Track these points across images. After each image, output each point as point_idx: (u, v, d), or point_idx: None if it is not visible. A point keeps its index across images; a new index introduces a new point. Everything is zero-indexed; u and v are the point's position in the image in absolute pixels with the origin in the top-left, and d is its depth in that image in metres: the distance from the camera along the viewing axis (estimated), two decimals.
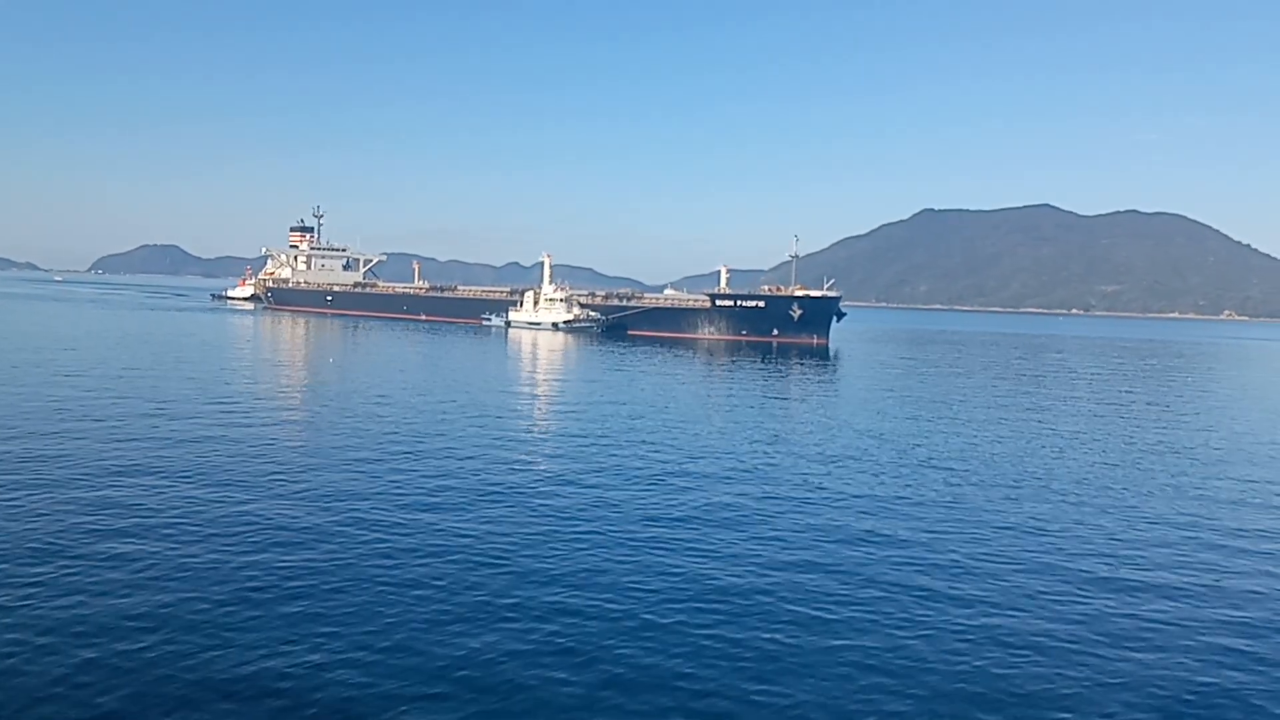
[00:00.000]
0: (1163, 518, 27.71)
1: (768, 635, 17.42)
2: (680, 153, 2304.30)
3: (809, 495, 29.09)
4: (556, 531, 23.89)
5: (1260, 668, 16.75)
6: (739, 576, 20.73)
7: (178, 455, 31.72)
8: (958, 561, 22.37)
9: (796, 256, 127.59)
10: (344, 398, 49.67)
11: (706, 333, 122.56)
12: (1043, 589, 20.59)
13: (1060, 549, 23.81)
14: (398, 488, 28.23)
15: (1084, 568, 22.26)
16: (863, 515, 26.63)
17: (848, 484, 30.97)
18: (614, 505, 26.87)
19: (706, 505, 27.22)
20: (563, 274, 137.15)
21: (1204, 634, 18.27)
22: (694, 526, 24.74)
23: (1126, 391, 72.59)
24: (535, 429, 41.81)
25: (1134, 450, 40.91)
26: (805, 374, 77.12)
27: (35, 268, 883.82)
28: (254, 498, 26.25)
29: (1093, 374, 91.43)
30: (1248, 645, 17.77)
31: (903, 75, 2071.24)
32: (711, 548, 22.86)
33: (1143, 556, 23.44)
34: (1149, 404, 62.96)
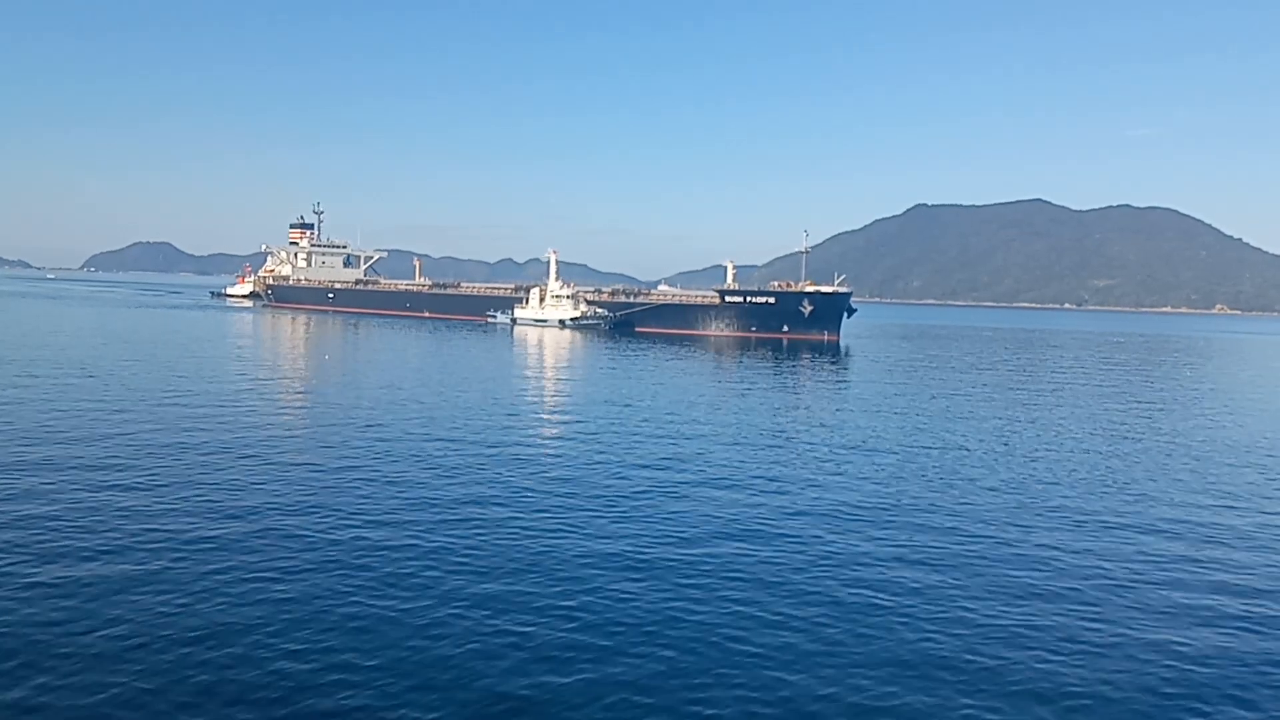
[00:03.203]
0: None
1: (781, 631, 17.44)
2: (672, 149, 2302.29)
3: (827, 496, 28.62)
4: (567, 528, 23.76)
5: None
6: (752, 576, 20.56)
7: (188, 451, 31.56)
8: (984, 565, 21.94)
9: (807, 251, 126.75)
10: (353, 396, 49.00)
11: (715, 329, 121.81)
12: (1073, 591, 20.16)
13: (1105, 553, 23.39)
14: (408, 487, 27.92)
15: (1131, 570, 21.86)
16: (888, 518, 26.18)
17: (870, 485, 30.57)
18: (630, 506, 26.47)
19: (723, 508, 26.75)
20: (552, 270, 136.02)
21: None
22: (711, 531, 24.31)
23: (1133, 385, 72.37)
24: (546, 427, 41.18)
25: (1148, 444, 40.62)
26: (820, 371, 76.71)
27: (27, 265, 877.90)
28: (264, 495, 26.07)
29: (1099, 369, 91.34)
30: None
31: (895, 70, 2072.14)
32: (728, 553, 22.46)
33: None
34: (1156, 398, 62.72)
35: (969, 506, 27.71)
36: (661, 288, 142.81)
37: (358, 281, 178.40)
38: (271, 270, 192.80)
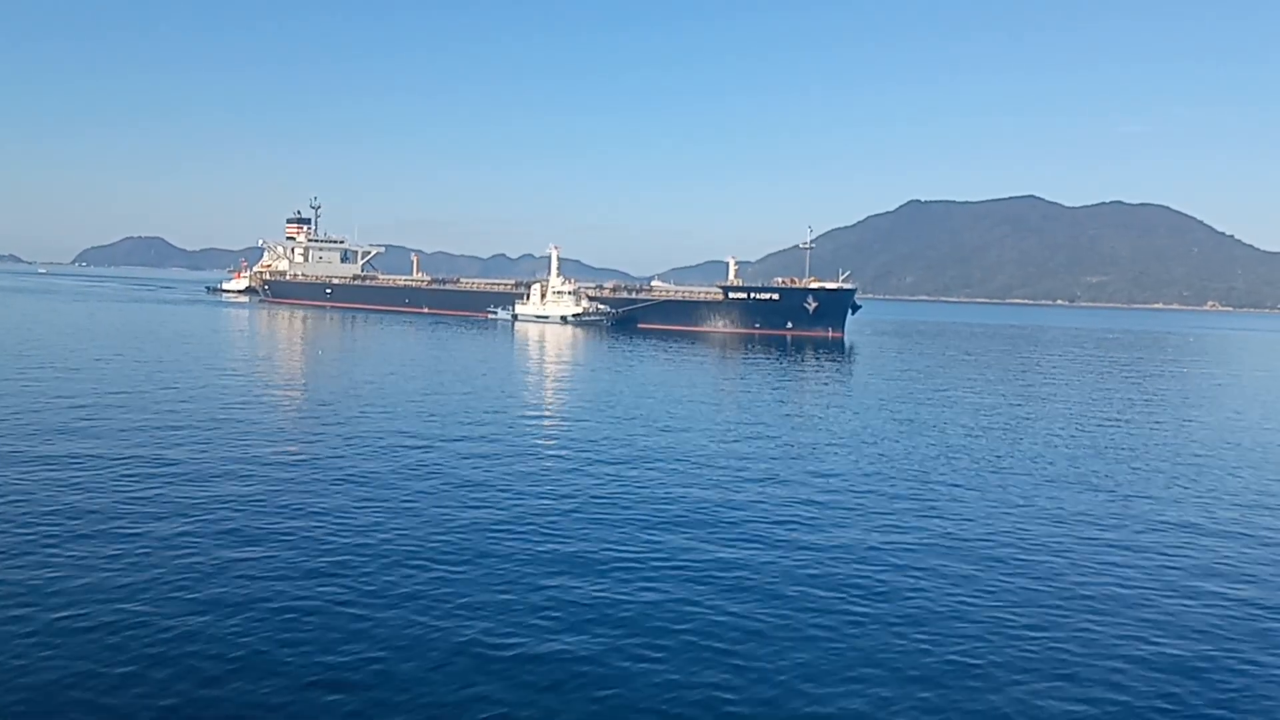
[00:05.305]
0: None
1: (779, 630, 17.28)
2: (665, 146, 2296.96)
3: (835, 499, 28.13)
4: (568, 524, 23.56)
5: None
6: (754, 575, 20.31)
7: (179, 449, 31.07)
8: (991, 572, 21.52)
9: (811, 247, 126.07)
10: (352, 394, 48.22)
11: (718, 326, 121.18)
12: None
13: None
14: (412, 484, 27.60)
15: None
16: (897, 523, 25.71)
17: (885, 485, 30.13)
18: (635, 504, 26.03)
19: (733, 509, 26.24)
20: (549, 265, 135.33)
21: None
22: (717, 529, 23.88)
23: (1131, 384, 72.26)
24: (550, 424, 40.57)
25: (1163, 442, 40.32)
26: (829, 369, 76.35)
27: (18, 259, 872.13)
28: (254, 492, 25.86)
29: (1095, 368, 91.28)
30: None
31: (890, 68, 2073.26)
32: (727, 546, 22.34)
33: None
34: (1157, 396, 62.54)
35: (977, 507, 27.32)
36: (655, 283, 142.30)
37: (355, 277, 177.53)
38: (268, 265, 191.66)
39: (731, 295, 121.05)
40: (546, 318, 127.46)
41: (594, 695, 14.43)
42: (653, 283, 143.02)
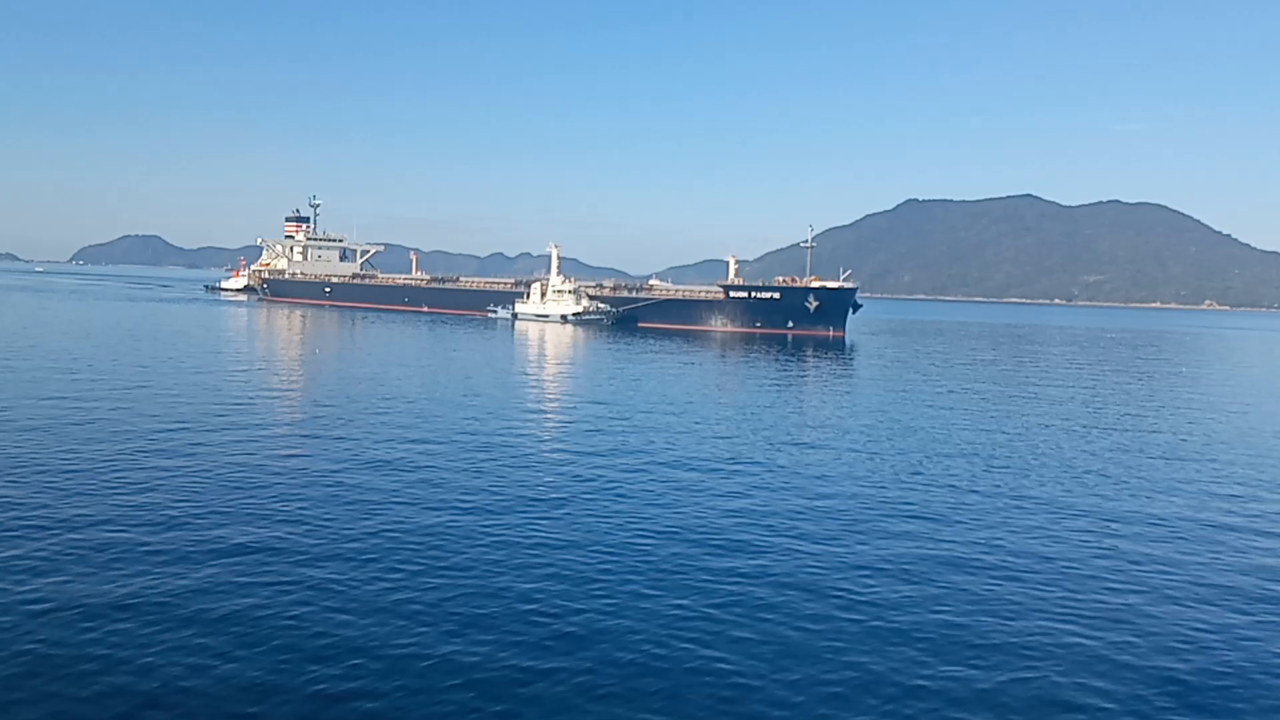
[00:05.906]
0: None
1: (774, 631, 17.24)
2: (662, 145, 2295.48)
3: (830, 501, 28.04)
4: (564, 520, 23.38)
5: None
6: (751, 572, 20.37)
7: (174, 447, 31.12)
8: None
9: (812, 246, 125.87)
10: (353, 394, 48.09)
11: (719, 325, 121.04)
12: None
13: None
14: (411, 484, 27.54)
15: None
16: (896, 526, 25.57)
17: (890, 485, 30.02)
18: (638, 505, 25.94)
19: (736, 509, 26.19)
20: (547, 264, 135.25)
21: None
22: (717, 532, 23.79)
23: (1133, 383, 72.23)
24: (542, 428, 40.27)
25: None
26: (827, 369, 76.28)
27: (15, 258, 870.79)
28: (272, 487, 25.92)
29: (1094, 366, 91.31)
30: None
31: (887, 68, 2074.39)
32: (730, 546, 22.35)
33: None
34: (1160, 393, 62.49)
35: (980, 508, 27.26)
36: (654, 282, 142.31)
37: (354, 275, 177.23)
38: (267, 264, 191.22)
39: (732, 294, 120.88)
40: (546, 317, 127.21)
41: (565, 695, 14.35)
42: (651, 282, 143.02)
